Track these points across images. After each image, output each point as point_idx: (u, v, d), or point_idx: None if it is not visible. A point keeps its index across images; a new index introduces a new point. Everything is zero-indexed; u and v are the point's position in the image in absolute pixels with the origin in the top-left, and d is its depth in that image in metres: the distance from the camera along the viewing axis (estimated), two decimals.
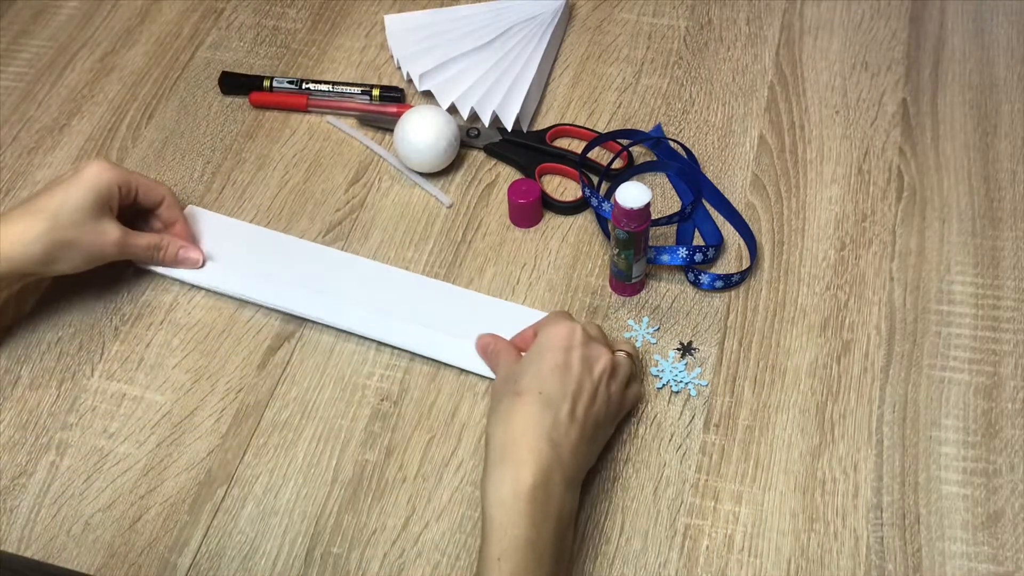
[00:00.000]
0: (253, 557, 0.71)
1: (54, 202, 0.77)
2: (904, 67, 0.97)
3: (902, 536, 0.70)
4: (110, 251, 0.80)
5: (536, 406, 0.67)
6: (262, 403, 0.78)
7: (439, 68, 0.96)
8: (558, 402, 0.68)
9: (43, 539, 0.73)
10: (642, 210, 0.75)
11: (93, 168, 0.79)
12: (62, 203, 0.77)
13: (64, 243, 0.77)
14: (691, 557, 0.70)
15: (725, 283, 0.82)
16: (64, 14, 1.08)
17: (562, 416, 0.67)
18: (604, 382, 0.71)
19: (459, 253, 0.86)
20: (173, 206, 0.85)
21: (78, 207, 0.77)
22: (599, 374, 0.71)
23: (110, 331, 0.83)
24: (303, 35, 1.04)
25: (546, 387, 0.68)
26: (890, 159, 0.90)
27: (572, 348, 0.70)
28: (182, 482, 0.75)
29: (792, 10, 1.03)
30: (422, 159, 0.89)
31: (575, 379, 0.69)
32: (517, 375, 0.70)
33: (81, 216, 0.78)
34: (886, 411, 0.76)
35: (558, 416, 0.67)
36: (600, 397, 0.70)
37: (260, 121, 0.97)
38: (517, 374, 0.70)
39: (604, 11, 1.04)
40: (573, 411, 0.68)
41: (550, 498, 0.64)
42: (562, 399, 0.68)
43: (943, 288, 0.82)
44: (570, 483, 0.67)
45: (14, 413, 0.79)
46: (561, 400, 0.68)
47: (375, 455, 0.76)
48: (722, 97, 0.96)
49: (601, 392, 0.70)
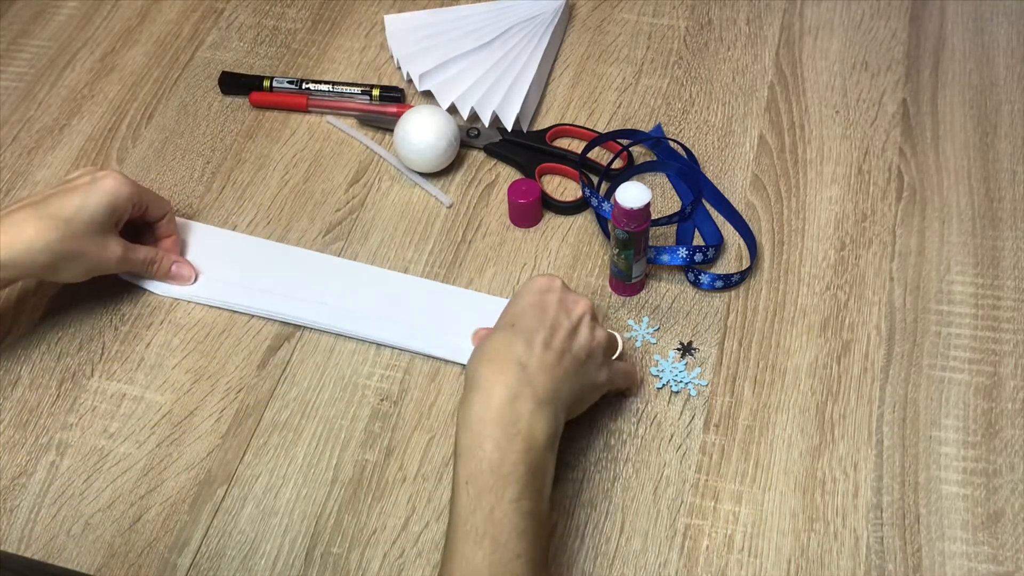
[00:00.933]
0: (253, 557, 0.71)
1: (67, 210, 0.76)
2: (904, 67, 0.97)
3: (902, 536, 0.70)
4: (111, 266, 0.80)
5: (508, 334, 0.67)
6: (262, 403, 0.78)
7: (439, 68, 0.96)
8: (531, 332, 0.67)
9: (43, 539, 0.73)
10: (642, 210, 0.75)
11: (110, 181, 0.78)
12: (76, 212, 0.76)
13: (71, 254, 0.76)
14: (691, 557, 0.70)
15: (725, 283, 0.82)
16: (64, 14, 1.08)
17: (536, 342, 0.66)
18: (585, 323, 0.70)
19: (459, 253, 0.86)
20: (172, 220, 0.85)
21: (91, 219, 0.76)
22: (577, 316, 0.70)
23: (110, 331, 0.83)
24: (303, 35, 1.04)
25: (520, 320, 0.68)
26: (890, 159, 0.91)
27: (549, 292, 0.70)
28: (182, 482, 0.75)
29: (792, 10, 1.03)
30: (423, 159, 0.89)
31: (551, 316, 0.68)
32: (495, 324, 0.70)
33: (92, 229, 0.77)
34: (886, 411, 0.76)
35: (531, 342, 0.66)
36: (581, 334, 0.69)
37: (260, 121, 0.97)
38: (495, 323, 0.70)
39: (604, 11, 1.05)
40: (549, 340, 0.67)
41: (517, 419, 0.63)
42: (536, 330, 0.67)
43: (943, 288, 0.82)
44: (542, 404, 0.65)
45: (14, 413, 0.79)
46: (535, 331, 0.67)
47: (375, 455, 0.76)
48: (722, 97, 0.96)
49: (582, 331, 0.69)
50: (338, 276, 0.84)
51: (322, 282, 0.84)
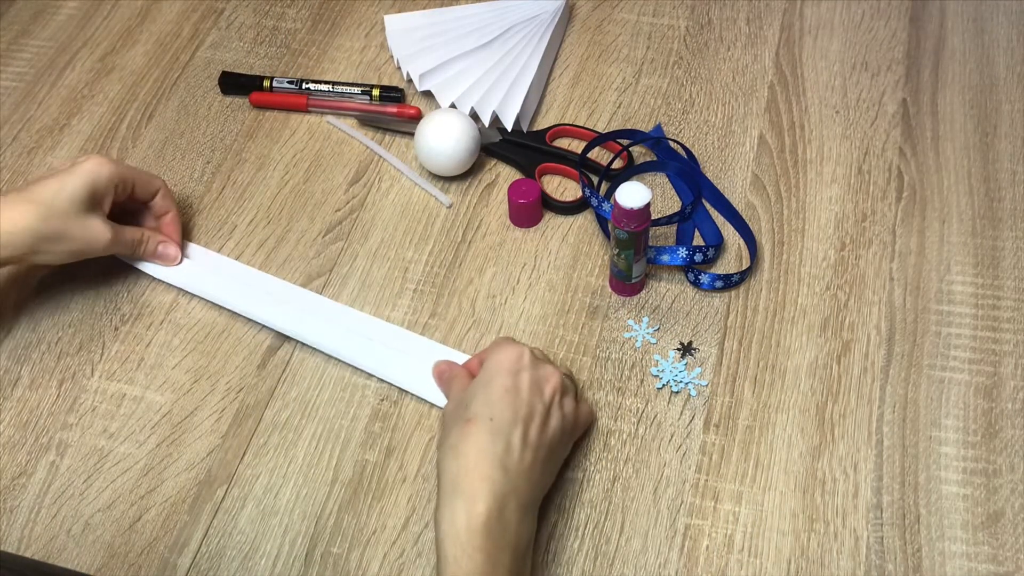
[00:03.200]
0: (253, 557, 0.71)
1: (47, 192, 0.76)
2: (904, 67, 0.97)
3: (902, 536, 0.70)
4: (97, 248, 0.80)
5: (487, 433, 0.65)
6: (262, 403, 0.78)
7: (439, 68, 0.96)
8: (509, 428, 0.66)
9: (43, 539, 0.73)
10: (642, 210, 0.75)
11: (91, 162, 0.79)
12: (56, 193, 0.77)
13: (52, 235, 0.77)
14: (691, 557, 0.70)
15: (725, 283, 0.82)
16: (64, 14, 1.08)
17: (514, 441, 0.65)
18: (556, 402, 0.69)
19: (459, 253, 0.86)
20: (167, 196, 0.85)
21: (71, 199, 0.77)
22: (550, 395, 0.69)
23: (110, 331, 0.83)
24: (303, 35, 1.04)
25: (496, 413, 0.66)
26: (890, 159, 0.91)
27: (521, 371, 0.69)
28: (182, 482, 0.75)
29: (792, 10, 1.03)
30: (449, 162, 0.88)
31: (525, 403, 0.67)
32: (467, 401, 0.68)
33: (73, 208, 0.77)
34: (886, 411, 0.76)
35: (510, 442, 0.65)
36: (553, 418, 0.69)
37: (260, 121, 0.97)
38: (467, 400, 0.68)
39: (604, 11, 1.05)
40: (526, 435, 0.66)
41: (506, 528, 0.63)
42: (513, 424, 0.66)
43: (943, 288, 0.82)
44: (526, 510, 0.65)
45: (14, 413, 0.79)
46: (512, 425, 0.66)
47: (375, 455, 0.76)
48: (722, 97, 0.96)
49: (554, 413, 0.69)
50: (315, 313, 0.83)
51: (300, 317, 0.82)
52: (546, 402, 0.69)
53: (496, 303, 0.83)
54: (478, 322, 0.82)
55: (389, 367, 0.79)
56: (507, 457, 0.65)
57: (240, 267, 0.86)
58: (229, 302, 0.83)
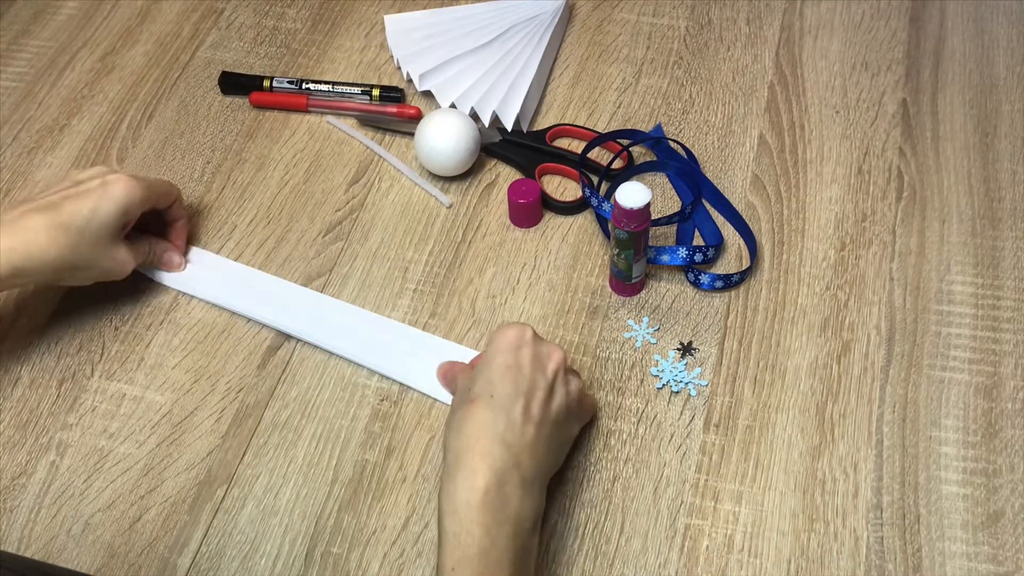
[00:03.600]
0: (253, 557, 0.71)
1: (79, 218, 0.75)
2: (904, 67, 0.97)
3: (902, 536, 0.70)
4: (120, 276, 0.80)
5: (488, 410, 0.65)
6: (262, 403, 0.79)
7: (439, 68, 0.96)
8: (510, 403, 0.65)
9: (43, 539, 0.73)
10: (642, 210, 0.75)
11: (122, 187, 0.77)
12: (88, 221, 0.75)
13: (81, 265, 0.76)
14: (691, 557, 0.70)
15: (725, 283, 0.82)
16: (64, 14, 1.08)
17: (515, 416, 0.65)
18: (560, 378, 0.69)
19: (459, 253, 0.86)
20: (180, 204, 0.85)
21: (103, 226, 0.76)
22: (553, 370, 0.68)
23: (110, 331, 0.83)
24: (303, 35, 1.04)
25: (497, 390, 0.66)
26: (890, 159, 0.91)
27: (521, 347, 0.68)
28: (182, 482, 0.75)
29: (792, 10, 1.03)
30: (449, 162, 0.88)
31: (527, 378, 0.67)
32: (470, 384, 0.68)
33: (105, 237, 0.76)
34: (886, 411, 0.76)
35: (511, 416, 0.65)
36: (558, 393, 0.68)
37: (260, 121, 0.97)
38: (470, 383, 0.68)
39: (604, 11, 1.05)
40: (527, 410, 0.65)
41: (506, 503, 0.62)
42: (514, 399, 0.65)
43: (943, 288, 0.82)
44: (529, 485, 0.64)
45: (14, 413, 0.79)
46: (513, 400, 0.65)
47: (375, 455, 0.76)
48: (722, 97, 0.96)
49: (558, 388, 0.68)
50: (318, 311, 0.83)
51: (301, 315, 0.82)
52: (548, 377, 0.68)
53: (496, 303, 0.83)
54: (478, 322, 0.82)
55: (394, 364, 0.79)
56: (508, 432, 0.64)
57: (240, 267, 0.86)
58: (230, 303, 0.83)
